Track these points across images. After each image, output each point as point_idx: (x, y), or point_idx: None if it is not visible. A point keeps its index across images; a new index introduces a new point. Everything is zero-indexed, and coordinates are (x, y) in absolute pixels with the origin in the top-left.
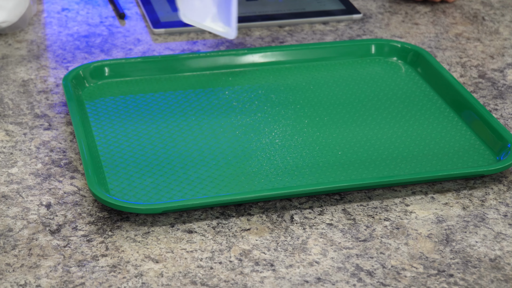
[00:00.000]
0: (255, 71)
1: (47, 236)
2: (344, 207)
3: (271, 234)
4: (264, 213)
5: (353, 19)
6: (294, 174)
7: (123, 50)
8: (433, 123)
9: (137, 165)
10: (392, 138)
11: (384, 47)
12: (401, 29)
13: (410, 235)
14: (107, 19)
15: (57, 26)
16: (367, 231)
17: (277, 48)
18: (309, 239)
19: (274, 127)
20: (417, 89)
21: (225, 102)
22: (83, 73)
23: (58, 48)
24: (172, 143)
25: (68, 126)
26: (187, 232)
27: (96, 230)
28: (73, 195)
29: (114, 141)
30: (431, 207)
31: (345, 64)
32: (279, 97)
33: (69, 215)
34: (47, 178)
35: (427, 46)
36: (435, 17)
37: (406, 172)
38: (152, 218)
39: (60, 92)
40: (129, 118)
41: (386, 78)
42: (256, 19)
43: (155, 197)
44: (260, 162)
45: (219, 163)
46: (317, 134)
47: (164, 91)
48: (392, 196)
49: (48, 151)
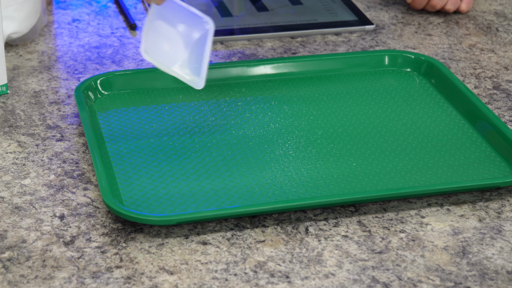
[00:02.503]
0: (268, 82)
1: (61, 248)
2: (359, 219)
3: (286, 246)
4: (279, 224)
5: (365, 30)
6: (308, 186)
7: (134, 61)
8: (448, 134)
9: (151, 176)
10: (406, 149)
11: (397, 58)
12: (414, 40)
13: (426, 247)
14: (118, 30)
15: (68, 37)
16: (382, 243)
17: (289, 59)
18: (324, 251)
19: (287, 139)
20: (431, 100)
21: (238, 113)
22: (95, 84)
23: (69, 59)
24: (185, 154)
25: (81, 137)
26: (202, 244)
27: (110, 242)
28: (86, 207)
29: (127, 152)
30: (447, 219)
31: (358, 75)
32: (292, 108)
33: (83, 227)
34: (60, 189)
35: (440, 57)
36: (448, 28)
37: (421, 184)
38: (166, 229)
39: (72, 103)
40: (142, 129)
41: (400, 89)
42: (268, 30)
43: (169, 208)
44: (274, 174)
45: (233, 175)
46: (331, 146)
47: (176, 102)
48: (407, 208)
49: (61, 162)
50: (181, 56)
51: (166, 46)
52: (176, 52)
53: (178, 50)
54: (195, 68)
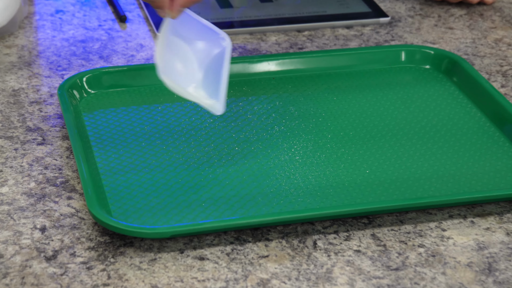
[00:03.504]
0: (272, 80)
1: (42, 263)
2: (373, 232)
3: (292, 261)
4: (284, 238)
5: (380, 23)
6: (316, 195)
7: (124, 57)
8: (472, 138)
9: (142, 184)
10: (426, 155)
11: (415, 54)
12: (434, 34)
13: (447, 264)
14: (106, 22)
15: (51, 30)
16: (399, 258)
17: (295, 55)
18: (335, 268)
19: (293, 143)
20: (453, 101)
21: (238, 115)
22: (80, 82)
23: (52, 54)
24: (180, 160)
25: (64, 141)
26: (198, 259)
27: (97, 257)
28: (70, 218)
29: (115, 158)
30: (471, 232)
31: (372, 73)
32: (299, 109)
33: (67, 240)
34: (41, 198)
35: (463, 53)
36: (471, 20)
37: (442, 193)
38: (159, 243)
39: (54, 103)
40: (132, 132)
41: (418, 88)
42: (272, 23)
43: (162, 220)
44: (279, 182)
45: (233, 183)
46: (342, 151)
47: (170, 102)
48: (426, 220)
49: (42, 169)
50: (195, 76)
51: (180, 66)
52: (190, 71)
53: (192, 70)
54: (212, 91)
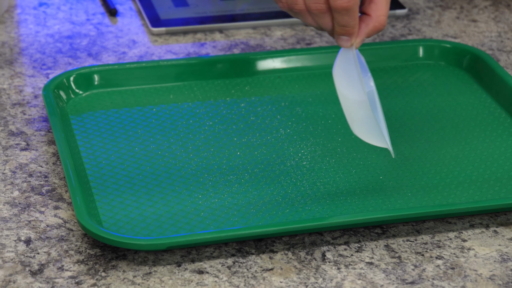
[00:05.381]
0: (277, 79)
1: (27, 278)
2: (387, 243)
3: (299, 275)
4: (290, 249)
5: (396, 16)
6: (325, 203)
7: (115, 54)
8: (496, 141)
9: (135, 192)
10: (445, 159)
11: (434, 49)
12: (455, 28)
13: (468, 277)
14: (95, 16)
15: (34, 24)
16: (415, 271)
17: (302, 51)
18: (345, 281)
19: (300, 147)
20: (475, 100)
21: (240, 117)
22: (67, 81)
23: (35, 51)
24: (177, 166)
25: (50, 146)
26: (197, 273)
27: (87, 271)
28: (57, 229)
29: (106, 164)
30: (494, 243)
31: (387, 70)
32: (306, 111)
33: (54, 253)
34: (26, 208)
35: (487, 48)
36: (497, 12)
37: (462, 201)
38: (154, 255)
39: (39, 104)
40: (124, 136)
41: (437, 86)
42: (278, 16)
43: (158, 230)
44: (285, 189)
45: (234, 190)
46: (353, 155)
47: (166, 103)
48: (445, 230)
49: (27, 176)
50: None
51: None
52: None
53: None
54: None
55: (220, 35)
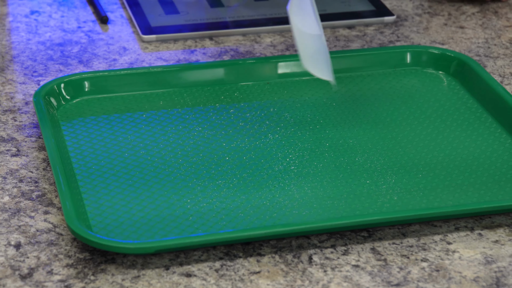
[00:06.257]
0: (266, 85)
1: (17, 282)
2: (373, 246)
3: (286, 277)
4: (277, 253)
5: (384, 22)
6: (313, 207)
7: (106, 61)
8: (482, 145)
9: (125, 197)
10: (431, 163)
11: (421, 56)
12: (443, 34)
13: (452, 279)
14: (86, 24)
15: (25, 32)
16: (400, 273)
17: (292, 58)
18: (331, 284)
19: (289, 152)
20: (462, 106)
21: (229, 122)
22: (58, 88)
23: (27, 58)
24: (166, 171)
25: (41, 152)
26: (185, 276)
27: (76, 274)
28: (47, 233)
29: (96, 169)
30: (479, 246)
31: (374, 76)
32: (295, 116)
33: (43, 257)
34: (16, 213)
35: (474, 54)
36: (485, 19)
37: (448, 204)
38: (143, 259)
39: (30, 111)
40: (114, 141)
41: (425, 92)
42: (267, 23)
43: (146, 234)
44: (272, 193)
45: (222, 195)
46: (340, 160)
47: (155, 109)
48: (431, 233)
49: (17, 182)
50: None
51: (309, 51)
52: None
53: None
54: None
55: (210, 42)
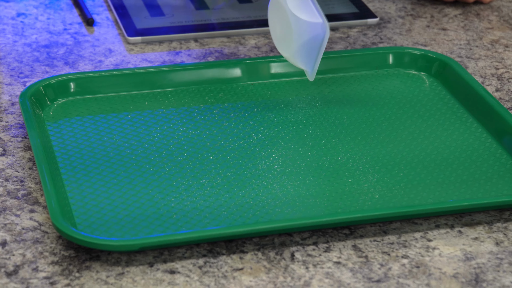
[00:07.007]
0: (250, 86)
1: (2, 279)
2: (354, 243)
3: (268, 274)
4: (260, 250)
5: (367, 24)
6: (295, 205)
7: (91, 62)
8: (462, 145)
9: (109, 195)
10: (412, 162)
11: (404, 57)
12: (426, 36)
13: (432, 275)
14: (72, 26)
15: (12, 34)
16: (381, 270)
17: (275, 59)
18: (313, 280)
19: (272, 151)
20: (444, 106)
21: (214, 123)
22: (44, 89)
23: (13, 60)
24: (150, 170)
25: (27, 152)
26: (169, 273)
27: (61, 271)
28: (33, 231)
29: (81, 168)
30: (458, 243)
31: (358, 77)
32: (278, 116)
33: (29, 254)
34: (2, 211)
35: (456, 55)
36: (467, 21)
37: (428, 202)
38: (127, 256)
39: (16, 112)
40: (100, 141)
41: (407, 93)
42: (252, 25)
43: (131, 232)
44: (255, 192)
45: (206, 193)
46: (323, 159)
47: (141, 110)
48: (411, 230)
49: (3, 181)
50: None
51: (279, 30)
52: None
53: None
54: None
55: (195, 43)
